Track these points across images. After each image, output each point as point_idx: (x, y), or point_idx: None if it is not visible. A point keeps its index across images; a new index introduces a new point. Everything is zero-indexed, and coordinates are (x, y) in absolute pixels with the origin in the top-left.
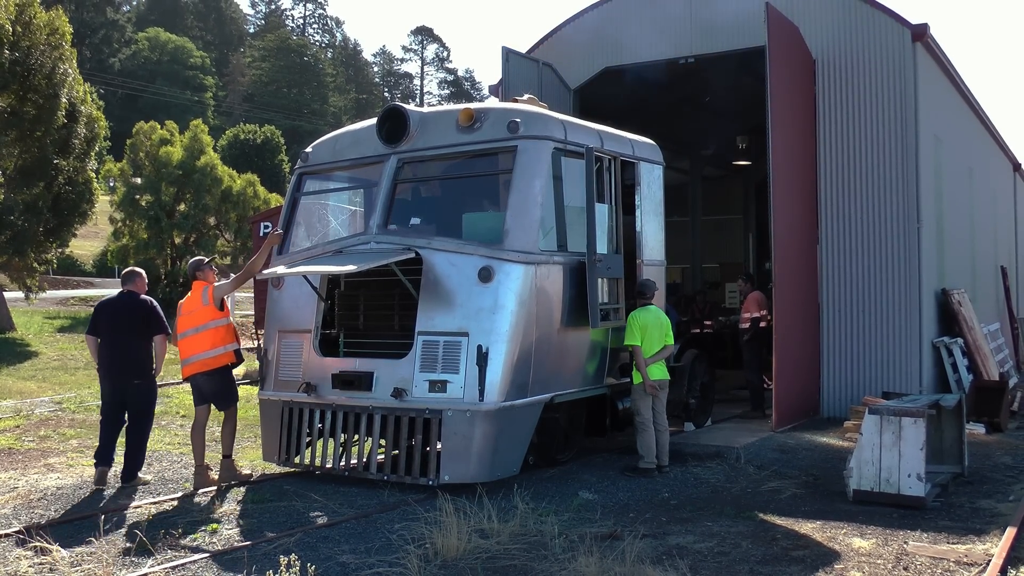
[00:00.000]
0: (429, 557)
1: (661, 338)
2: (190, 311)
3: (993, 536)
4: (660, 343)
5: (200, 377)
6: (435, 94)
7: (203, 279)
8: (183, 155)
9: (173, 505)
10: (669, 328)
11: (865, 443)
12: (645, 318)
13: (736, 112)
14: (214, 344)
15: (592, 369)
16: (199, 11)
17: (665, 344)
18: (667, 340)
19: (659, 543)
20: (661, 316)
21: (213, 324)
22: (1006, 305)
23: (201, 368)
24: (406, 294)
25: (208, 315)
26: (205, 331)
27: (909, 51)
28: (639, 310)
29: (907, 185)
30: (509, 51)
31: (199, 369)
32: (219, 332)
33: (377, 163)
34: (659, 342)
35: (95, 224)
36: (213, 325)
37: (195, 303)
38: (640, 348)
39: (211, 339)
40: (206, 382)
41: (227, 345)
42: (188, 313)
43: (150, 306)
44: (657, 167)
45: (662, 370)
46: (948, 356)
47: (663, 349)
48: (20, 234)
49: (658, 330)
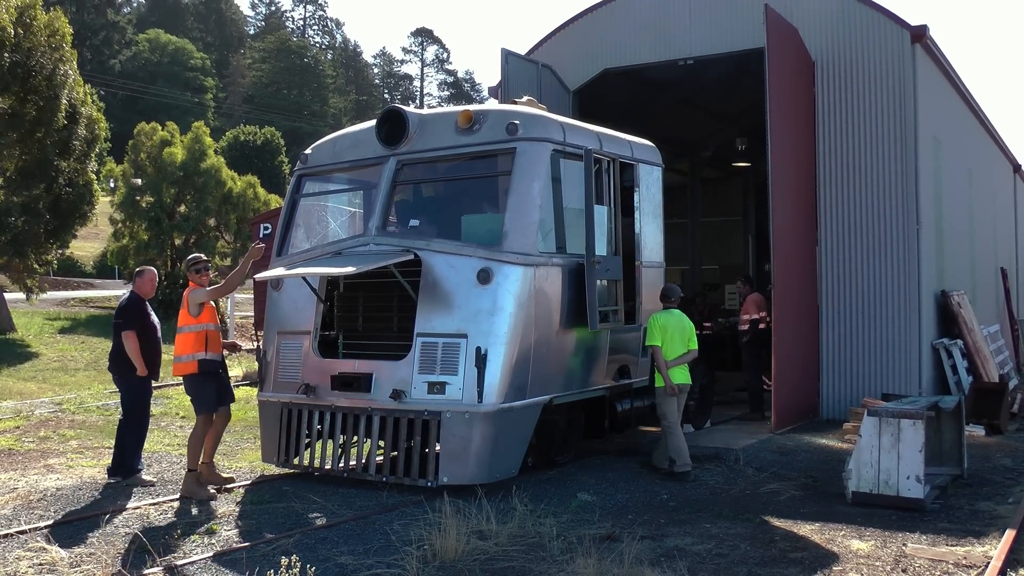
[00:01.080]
0: (428, 558)
1: (684, 342)
2: (181, 311)
3: (992, 538)
4: (683, 347)
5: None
6: (435, 96)
7: (195, 281)
8: (185, 156)
9: (173, 506)
10: (693, 333)
11: (864, 445)
12: (666, 320)
13: (735, 114)
14: (183, 350)
15: (591, 371)
16: (199, 13)
17: (689, 348)
18: (691, 345)
19: (657, 545)
20: (684, 320)
21: (186, 329)
22: (1006, 307)
23: (176, 371)
24: (405, 296)
25: (183, 319)
26: (180, 335)
27: (908, 52)
28: (661, 312)
29: (906, 186)
30: (508, 53)
31: (175, 372)
32: (188, 339)
33: (376, 165)
34: (682, 346)
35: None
36: (186, 330)
37: (183, 304)
38: (660, 349)
39: (182, 345)
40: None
41: (193, 354)
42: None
43: (121, 303)
44: (656, 169)
45: (684, 374)
46: (948, 358)
47: (686, 353)
48: (20, 235)
49: (680, 334)
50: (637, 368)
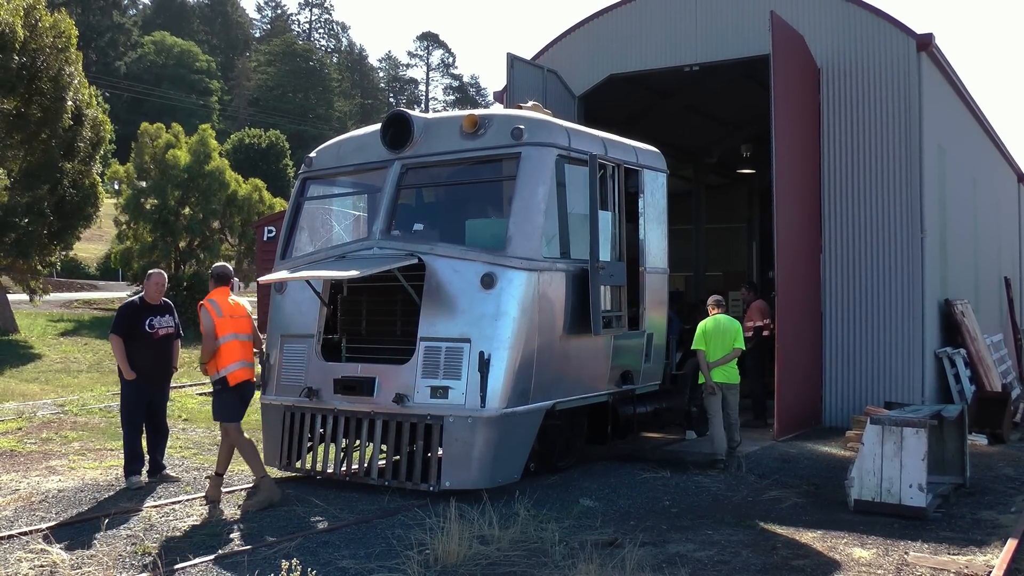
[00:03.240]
0: (429, 563)
1: (728, 343)
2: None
3: (994, 547)
4: (727, 348)
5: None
6: (440, 100)
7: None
8: (189, 159)
9: (174, 509)
10: (739, 333)
11: (867, 453)
12: (707, 325)
13: (740, 120)
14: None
15: (594, 377)
16: (205, 15)
17: (734, 347)
18: (736, 344)
19: (659, 551)
20: (728, 324)
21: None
22: (1009, 316)
23: (250, 375)
24: (408, 300)
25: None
26: (249, 340)
27: (914, 61)
28: (708, 318)
29: (911, 195)
30: (514, 58)
31: (249, 376)
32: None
33: (381, 168)
34: (724, 348)
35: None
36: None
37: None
38: (703, 352)
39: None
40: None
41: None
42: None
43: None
44: (661, 175)
45: (726, 373)
46: (951, 367)
47: (730, 352)
48: (24, 236)
49: (722, 337)
50: (640, 374)
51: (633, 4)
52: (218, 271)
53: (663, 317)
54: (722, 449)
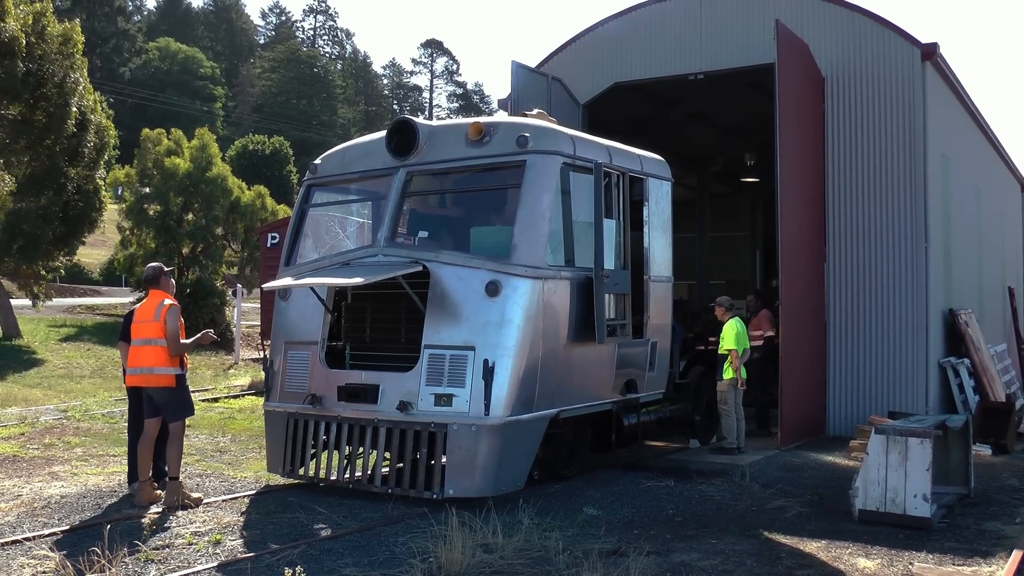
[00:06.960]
0: (433, 571)
1: (745, 343)
2: (144, 319)
3: (999, 558)
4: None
5: (150, 390)
6: (444, 107)
7: (164, 288)
8: (190, 166)
9: (177, 515)
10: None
11: (871, 463)
12: (739, 327)
13: (744, 128)
14: (161, 363)
15: (598, 385)
16: (210, 22)
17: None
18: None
19: (663, 560)
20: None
21: (160, 343)
22: (1013, 326)
23: (146, 383)
24: (413, 307)
25: (157, 331)
26: (154, 347)
27: (918, 70)
28: (734, 320)
29: (915, 204)
30: (518, 65)
31: (145, 383)
32: (165, 352)
33: (386, 176)
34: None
35: (103, 232)
36: (161, 344)
37: (148, 313)
38: (736, 351)
39: (157, 356)
40: (157, 394)
41: (171, 368)
42: (142, 321)
43: None
44: (665, 183)
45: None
46: (955, 377)
47: (745, 352)
48: (29, 242)
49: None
50: (644, 382)
51: (638, 12)
52: (145, 273)
53: (667, 325)
54: (733, 438)
